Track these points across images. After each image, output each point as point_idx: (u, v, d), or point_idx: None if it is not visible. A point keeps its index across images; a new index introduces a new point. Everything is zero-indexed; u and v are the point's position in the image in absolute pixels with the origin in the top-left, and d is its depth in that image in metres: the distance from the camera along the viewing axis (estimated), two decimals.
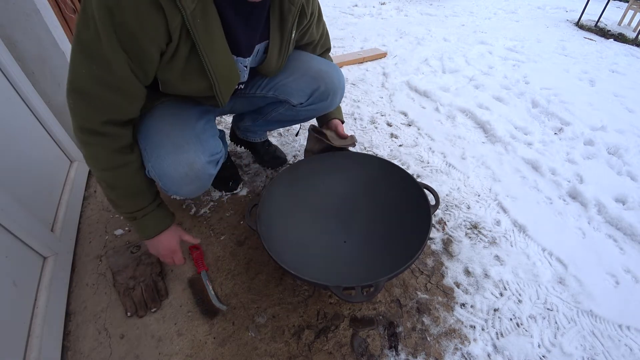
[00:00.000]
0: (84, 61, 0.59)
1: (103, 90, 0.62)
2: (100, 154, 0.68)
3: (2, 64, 0.91)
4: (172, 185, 0.77)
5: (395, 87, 2.05)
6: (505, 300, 0.93)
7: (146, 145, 0.75)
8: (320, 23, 0.96)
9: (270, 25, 0.79)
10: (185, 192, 0.81)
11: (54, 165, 1.09)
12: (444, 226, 1.14)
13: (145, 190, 0.77)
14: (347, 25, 3.18)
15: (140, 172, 0.75)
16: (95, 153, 0.68)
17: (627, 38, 3.44)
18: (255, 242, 1.05)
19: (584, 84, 2.28)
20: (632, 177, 1.40)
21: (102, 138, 0.66)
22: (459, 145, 1.56)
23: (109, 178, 0.71)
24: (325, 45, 1.06)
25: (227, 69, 0.74)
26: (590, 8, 3.88)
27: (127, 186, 0.74)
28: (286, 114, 1.07)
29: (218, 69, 0.72)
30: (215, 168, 0.83)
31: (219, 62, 0.71)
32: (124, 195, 0.75)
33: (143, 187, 0.77)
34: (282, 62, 0.90)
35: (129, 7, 0.54)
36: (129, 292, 0.88)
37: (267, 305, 0.89)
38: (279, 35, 0.82)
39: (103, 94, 0.62)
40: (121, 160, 0.71)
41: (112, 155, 0.69)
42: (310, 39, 0.96)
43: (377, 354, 0.81)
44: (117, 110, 0.66)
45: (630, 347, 0.84)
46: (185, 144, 0.75)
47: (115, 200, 0.75)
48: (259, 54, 0.85)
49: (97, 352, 0.79)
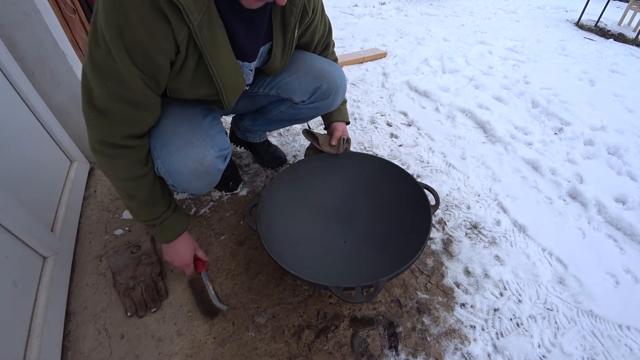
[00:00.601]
0: (99, 80, 0.60)
1: (122, 106, 0.63)
2: (121, 165, 0.70)
3: (2, 64, 0.91)
4: (181, 181, 0.78)
5: (395, 87, 2.05)
6: (505, 300, 0.93)
7: (155, 143, 0.75)
8: (323, 19, 0.95)
9: (273, 27, 0.80)
10: (194, 188, 0.81)
11: (54, 166, 1.09)
12: (444, 226, 1.14)
13: (163, 197, 0.79)
14: (347, 25, 3.18)
15: (158, 180, 0.78)
16: (117, 165, 0.70)
17: (627, 38, 3.44)
18: (255, 242, 1.05)
19: (584, 84, 2.28)
20: (632, 177, 1.40)
21: (124, 150, 0.68)
22: (459, 145, 1.56)
23: (130, 189, 0.73)
24: (328, 40, 1.04)
25: (233, 76, 0.76)
26: (590, 8, 3.87)
27: (147, 195, 0.75)
28: (287, 112, 1.07)
29: (225, 76, 0.73)
30: (223, 163, 0.84)
31: (225, 70, 0.72)
32: (144, 203, 0.76)
33: (161, 194, 0.78)
34: (285, 61, 0.90)
35: (137, 23, 0.55)
36: (129, 292, 0.88)
37: (267, 305, 0.89)
38: (281, 36, 0.83)
39: (123, 109, 0.64)
40: (142, 170, 0.72)
41: (133, 166, 0.71)
42: (314, 34, 0.94)
43: (377, 354, 0.80)
44: (138, 123, 0.69)
45: (630, 347, 0.84)
46: (195, 139, 0.76)
47: (136, 209, 0.77)
48: (263, 54, 0.86)
49: (97, 352, 0.79)
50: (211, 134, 0.79)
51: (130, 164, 0.70)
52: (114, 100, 0.62)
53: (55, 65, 1.07)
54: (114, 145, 0.67)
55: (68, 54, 1.09)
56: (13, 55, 0.97)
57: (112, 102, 0.62)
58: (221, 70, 0.71)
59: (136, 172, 0.72)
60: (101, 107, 0.62)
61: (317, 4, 0.88)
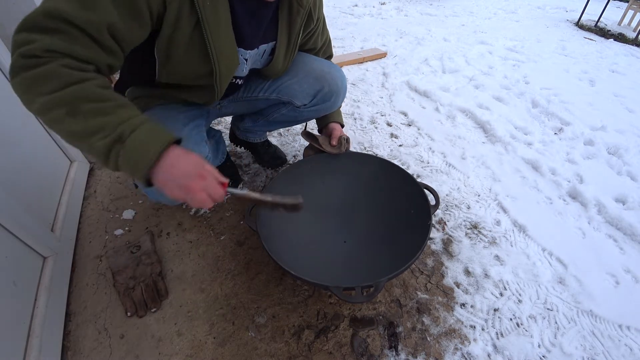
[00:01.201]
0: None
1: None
2: (50, 70, 0.49)
3: (2, 64, 0.91)
4: (153, 194, 0.75)
5: (395, 87, 2.05)
6: (505, 300, 0.93)
7: None
8: (324, 30, 0.98)
9: (279, 26, 0.80)
10: (167, 200, 0.79)
11: (54, 165, 1.09)
12: (444, 226, 1.14)
13: (125, 102, 0.56)
14: (347, 25, 3.18)
15: (109, 87, 0.56)
16: (45, 71, 0.49)
17: (627, 38, 3.44)
18: (255, 242, 1.05)
19: (584, 84, 2.28)
20: (632, 177, 1.40)
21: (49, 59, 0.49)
22: (459, 145, 1.56)
23: (68, 96, 0.49)
24: (328, 52, 1.07)
25: (229, 53, 0.73)
26: (590, 8, 3.88)
27: (100, 98, 0.52)
28: (289, 114, 1.07)
29: (221, 51, 0.70)
30: None
31: (222, 45, 0.70)
32: (94, 112, 0.51)
33: (119, 99, 0.55)
34: (287, 63, 0.91)
35: None
36: (129, 292, 0.88)
37: (267, 305, 0.89)
38: (286, 36, 0.83)
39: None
40: (82, 76, 0.52)
41: (67, 70, 0.50)
42: (314, 45, 0.98)
43: (377, 354, 0.81)
44: (85, 47, 0.52)
45: (630, 347, 0.84)
46: None
47: (84, 129, 0.50)
48: (265, 54, 0.86)
49: (97, 352, 0.78)
50: (191, 144, 0.76)
51: (56, 68, 0.49)
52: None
53: None
54: (34, 56, 0.48)
55: None
56: None
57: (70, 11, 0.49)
58: (218, 43, 0.68)
59: (73, 78, 0.50)
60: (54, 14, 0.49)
61: (321, 15, 0.91)
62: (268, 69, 0.90)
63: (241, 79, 0.89)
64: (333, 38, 2.74)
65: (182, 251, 1.02)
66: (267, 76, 0.95)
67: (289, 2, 0.79)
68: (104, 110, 0.52)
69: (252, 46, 0.79)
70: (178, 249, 1.02)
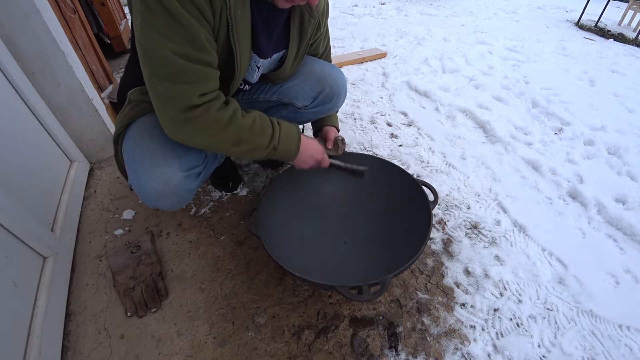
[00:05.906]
0: (160, 43, 0.58)
1: (189, 64, 0.61)
2: (208, 121, 0.66)
3: (2, 64, 0.91)
4: (149, 200, 0.75)
5: (395, 87, 2.05)
6: (505, 300, 0.93)
7: (127, 158, 0.74)
8: (326, 37, 1.00)
9: (291, 36, 0.82)
10: (164, 206, 0.78)
11: (54, 165, 1.09)
12: (444, 226, 1.14)
13: (263, 119, 0.76)
14: (347, 25, 3.18)
15: (245, 112, 0.75)
16: (204, 124, 0.66)
17: (627, 38, 3.44)
18: (255, 242, 1.05)
19: (584, 84, 2.28)
20: (632, 177, 1.40)
21: (204, 106, 0.66)
22: (459, 145, 1.56)
23: (233, 133, 0.70)
24: (327, 60, 1.08)
25: (247, 59, 0.76)
26: (590, 8, 3.88)
27: (250, 128, 0.73)
28: (289, 116, 1.08)
29: (243, 57, 0.73)
30: (195, 181, 0.79)
31: (244, 52, 0.73)
32: (254, 135, 0.73)
33: (259, 119, 0.76)
34: (294, 70, 0.93)
35: None
36: (129, 292, 0.88)
37: (267, 305, 0.89)
38: (297, 45, 0.85)
39: (190, 67, 0.62)
40: (227, 114, 0.69)
41: (220, 113, 0.68)
42: (315, 51, 1.00)
43: (377, 354, 0.81)
44: (207, 78, 0.65)
45: (630, 347, 0.84)
46: (162, 157, 0.72)
47: (250, 149, 0.74)
48: (274, 62, 0.87)
49: (97, 352, 0.79)
50: (180, 152, 0.75)
51: (214, 115, 0.67)
52: (179, 60, 0.60)
53: (55, 65, 1.07)
54: (193, 107, 0.64)
55: (68, 54, 1.09)
56: (13, 55, 0.97)
57: (177, 63, 0.60)
58: (241, 50, 0.71)
59: (226, 116, 0.68)
60: (167, 74, 0.60)
61: (326, 21, 0.93)
62: (275, 75, 0.91)
63: (249, 84, 0.90)
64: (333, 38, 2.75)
65: (182, 251, 1.02)
66: (272, 81, 0.96)
67: (300, 12, 0.80)
68: (258, 133, 0.75)
69: (266, 55, 0.81)
70: (178, 249, 1.03)
